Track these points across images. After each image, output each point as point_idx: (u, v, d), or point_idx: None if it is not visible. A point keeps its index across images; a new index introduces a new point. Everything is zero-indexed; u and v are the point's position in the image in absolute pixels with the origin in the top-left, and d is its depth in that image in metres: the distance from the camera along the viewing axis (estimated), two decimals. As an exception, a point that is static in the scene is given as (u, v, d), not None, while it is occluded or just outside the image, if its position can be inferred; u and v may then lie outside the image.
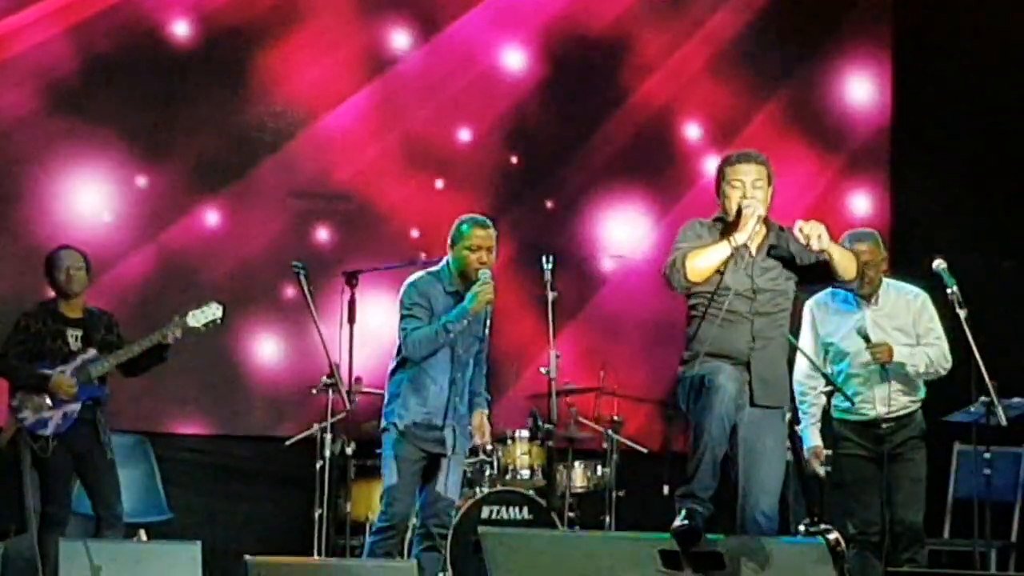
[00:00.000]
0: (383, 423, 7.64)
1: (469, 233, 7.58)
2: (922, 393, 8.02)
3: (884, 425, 7.92)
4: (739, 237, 6.66)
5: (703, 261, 6.66)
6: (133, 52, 10.04)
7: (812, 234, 6.57)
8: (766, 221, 6.77)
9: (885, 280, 8.05)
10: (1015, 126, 10.38)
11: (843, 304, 8.03)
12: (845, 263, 6.73)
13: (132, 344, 8.19)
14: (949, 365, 8.00)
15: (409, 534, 7.96)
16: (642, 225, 10.93)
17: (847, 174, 11.21)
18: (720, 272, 6.68)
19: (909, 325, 7.99)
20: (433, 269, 7.69)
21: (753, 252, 6.78)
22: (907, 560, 7.85)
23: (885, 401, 7.92)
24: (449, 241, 7.65)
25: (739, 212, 6.71)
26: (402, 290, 7.66)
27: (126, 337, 8.30)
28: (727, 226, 6.80)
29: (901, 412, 7.97)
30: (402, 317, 7.58)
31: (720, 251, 6.68)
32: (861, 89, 11.27)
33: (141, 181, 10.06)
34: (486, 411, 7.88)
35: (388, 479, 7.56)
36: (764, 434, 6.72)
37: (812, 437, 8.02)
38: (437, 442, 7.55)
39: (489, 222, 7.67)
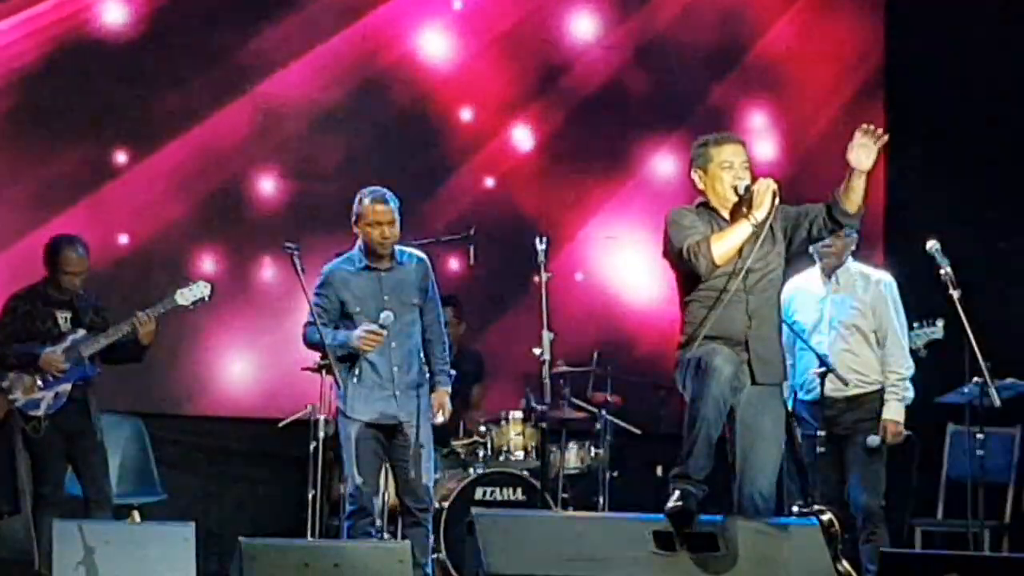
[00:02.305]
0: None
1: (368, 210, 7.52)
2: (875, 376, 8.09)
3: (829, 405, 8.01)
4: (759, 215, 6.60)
5: (727, 243, 6.62)
6: (90, 35, 9.95)
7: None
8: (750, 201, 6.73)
9: (852, 261, 8.19)
10: (1010, 105, 10.35)
11: (809, 283, 8.18)
12: (852, 196, 6.60)
13: (120, 324, 8.18)
14: (906, 372, 8.10)
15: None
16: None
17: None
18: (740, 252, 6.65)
19: (867, 305, 8.10)
20: (350, 252, 7.64)
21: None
22: (867, 540, 7.98)
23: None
24: (353, 218, 7.60)
25: (747, 191, 6.66)
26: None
27: (111, 320, 8.28)
28: (712, 209, 6.77)
29: (848, 393, 8.03)
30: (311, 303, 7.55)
31: (742, 231, 6.63)
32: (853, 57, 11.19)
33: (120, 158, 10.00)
34: (448, 389, 7.76)
35: (347, 463, 7.55)
36: (763, 415, 6.72)
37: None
38: (383, 414, 7.50)
39: (388, 195, 7.57)
